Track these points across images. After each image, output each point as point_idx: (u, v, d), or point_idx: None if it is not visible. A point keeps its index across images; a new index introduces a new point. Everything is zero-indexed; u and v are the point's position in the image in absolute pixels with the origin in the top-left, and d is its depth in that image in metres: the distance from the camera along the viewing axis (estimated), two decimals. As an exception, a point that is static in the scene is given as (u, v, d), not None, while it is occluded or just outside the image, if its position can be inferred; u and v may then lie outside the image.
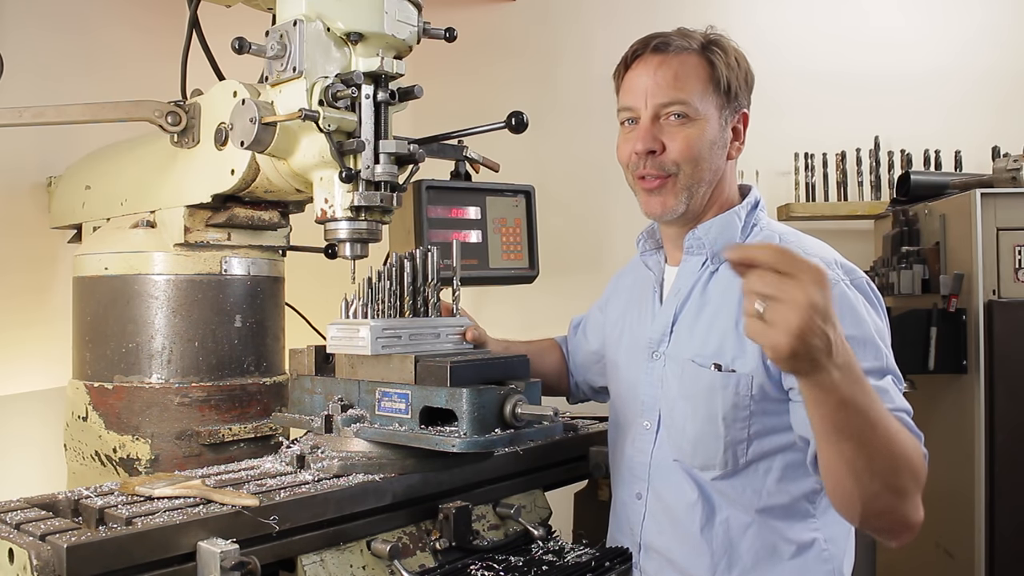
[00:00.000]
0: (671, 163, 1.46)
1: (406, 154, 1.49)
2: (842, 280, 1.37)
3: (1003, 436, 2.54)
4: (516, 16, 3.38)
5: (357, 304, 1.46)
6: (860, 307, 1.35)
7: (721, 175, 1.51)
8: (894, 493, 1.17)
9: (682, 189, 1.47)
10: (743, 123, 1.53)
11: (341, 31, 1.45)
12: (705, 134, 1.45)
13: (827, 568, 1.42)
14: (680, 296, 1.52)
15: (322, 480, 1.34)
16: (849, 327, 1.32)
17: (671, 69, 1.45)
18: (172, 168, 1.71)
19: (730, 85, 1.47)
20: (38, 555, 0.99)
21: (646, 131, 1.46)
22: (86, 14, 2.40)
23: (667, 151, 1.45)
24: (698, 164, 1.46)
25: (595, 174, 3.11)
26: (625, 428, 1.58)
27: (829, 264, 1.39)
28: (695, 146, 1.45)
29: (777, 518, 1.40)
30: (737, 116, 1.51)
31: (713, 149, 1.47)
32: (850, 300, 1.35)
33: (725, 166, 1.51)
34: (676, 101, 1.44)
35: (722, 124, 1.48)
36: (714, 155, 1.48)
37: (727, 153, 1.51)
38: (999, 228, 2.61)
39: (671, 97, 1.45)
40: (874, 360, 1.32)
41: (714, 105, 1.47)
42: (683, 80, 1.45)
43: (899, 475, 1.16)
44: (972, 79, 3.37)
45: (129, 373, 1.68)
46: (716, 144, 1.47)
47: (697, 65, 1.46)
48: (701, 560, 1.42)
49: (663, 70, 1.46)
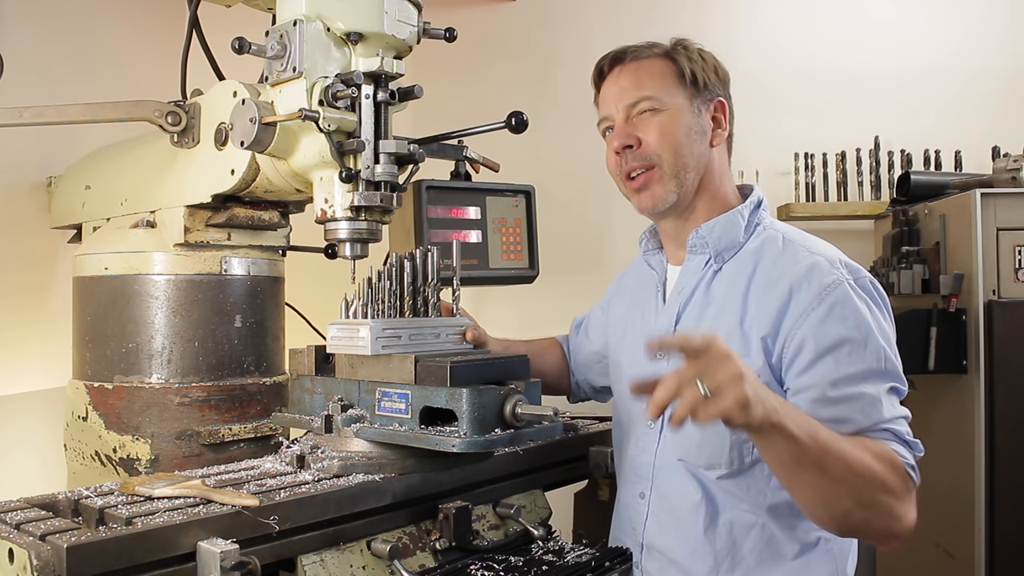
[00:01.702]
0: (651, 153, 1.49)
1: (406, 154, 1.49)
2: (846, 280, 1.37)
3: (1003, 436, 2.54)
4: (516, 16, 3.38)
5: (357, 304, 1.46)
6: (863, 308, 1.35)
7: (707, 163, 1.52)
8: (866, 508, 1.24)
9: (669, 178, 1.49)
10: (723, 111, 1.54)
11: (341, 31, 1.45)
12: (678, 121, 1.49)
13: (830, 568, 1.42)
14: (683, 295, 1.52)
15: (322, 480, 1.34)
16: (850, 329, 1.33)
17: (633, 73, 1.53)
18: (172, 168, 1.71)
19: (696, 76, 1.51)
20: (38, 555, 0.99)
21: (620, 129, 1.52)
22: (86, 14, 2.40)
23: (644, 143, 1.49)
24: (677, 150, 1.49)
25: (595, 174, 3.07)
26: (629, 428, 1.58)
27: (833, 263, 1.40)
28: (669, 132, 1.49)
29: (781, 517, 1.40)
30: (712, 104, 1.53)
31: (690, 135, 1.50)
32: (853, 301, 1.35)
33: (710, 154, 1.53)
34: (642, 98, 1.50)
35: (695, 112, 1.51)
36: (692, 141, 1.50)
37: (709, 140, 1.52)
38: (999, 228, 2.61)
39: (637, 95, 1.50)
40: (874, 362, 1.33)
41: (683, 96, 1.51)
42: (646, 79, 1.51)
43: (867, 492, 1.24)
44: (972, 79, 3.36)
45: (129, 373, 1.68)
46: (692, 130, 1.50)
47: (660, 64, 1.53)
48: (704, 560, 1.42)
49: (625, 75, 1.53)
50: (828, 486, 1.23)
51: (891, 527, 1.27)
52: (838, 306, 1.35)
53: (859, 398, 1.31)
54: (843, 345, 1.33)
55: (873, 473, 1.24)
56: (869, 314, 1.35)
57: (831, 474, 1.22)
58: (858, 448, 1.25)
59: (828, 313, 1.35)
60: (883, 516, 1.25)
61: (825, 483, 1.22)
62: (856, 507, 1.24)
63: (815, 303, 1.35)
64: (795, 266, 1.40)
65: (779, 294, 1.39)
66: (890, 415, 1.32)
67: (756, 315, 1.40)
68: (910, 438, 1.32)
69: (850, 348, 1.33)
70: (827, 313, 1.35)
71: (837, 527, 1.30)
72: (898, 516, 1.26)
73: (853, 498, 1.23)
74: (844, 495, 1.23)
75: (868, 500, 1.24)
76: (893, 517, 1.26)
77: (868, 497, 1.24)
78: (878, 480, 1.24)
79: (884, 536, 1.30)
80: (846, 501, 1.23)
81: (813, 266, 1.39)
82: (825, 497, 1.24)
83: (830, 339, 1.33)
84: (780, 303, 1.38)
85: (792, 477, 1.26)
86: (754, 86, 1.62)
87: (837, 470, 1.22)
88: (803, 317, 1.36)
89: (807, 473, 1.22)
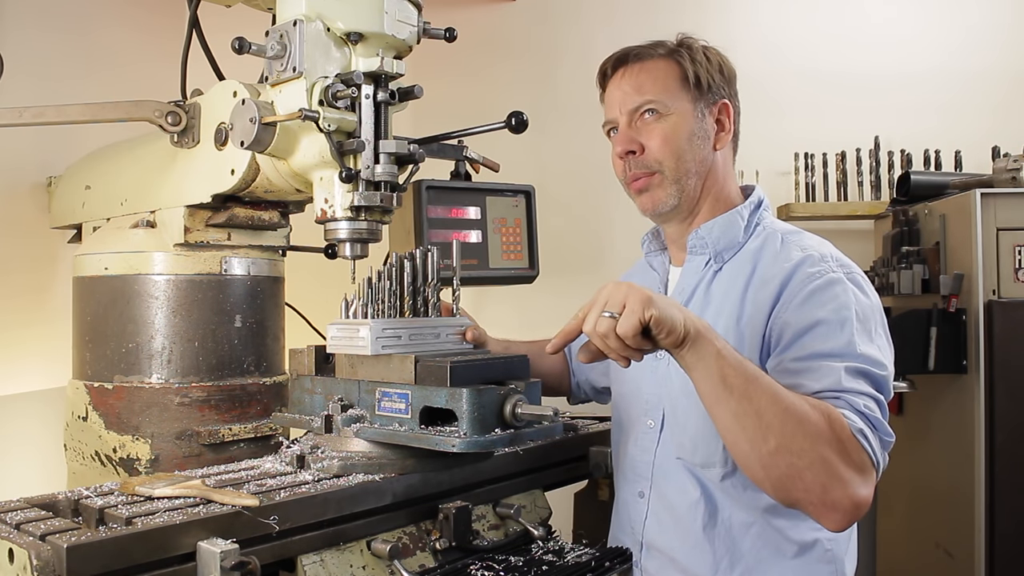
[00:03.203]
0: (653, 160, 1.49)
1: (406, 154, 1.49)
2: (834, 271, 1.38)
3: (1003, 436, 2.54)
4: (516, 16, 3.39)
5: (357, 304, 1.46)
6: (844, 296, 1.34)
7: (710, 166, 1.52)
8: (795, 454, 1.19)
9: (671, 183, 1.50)
10: (727, 114, 1.54)
11: (341, 31, 1.45)
12: (681, 127, 1.49)
13: (830, 568, 1.42)
14: (684, 295, 1.52)
15: (322, 480, 1.34)
16: (828, 312, 1.33)
17: (636, 76, 1.52)
18: (172, 168, 1.71)
19: (699, 78, 1.50)
20: (38, 555, 0.99)
21: (623, 134, 1.52)
22: (86, 14, 2.40)
23: (647, 149, 1.49)
24: (680, 157, 1.49)
25: (595, 174, 3.10)
26: (628, 427, 1.58)
27: (824, 257, 1.40)
28: (672, 140, 1.48)
29: (779, 517, 1.40)
30: (717, 107, 1.53)
31: (692, 141, 1.49)
32: (834, 289, 1.35)
33: (713, 157, 1.53)
34: (645, 102, 1.50)
35: (699, 116, 1.51)
36: (695, 146, 1.50)
37: (712, 144, 1.52)
38: (999, 228, 2.61)
39: (639, 100, 1.50)
40: (845, 345, 1.30)
41: (686, 99, 1.50)
42: (649, 82, 1.50)
43: (796, 436, 1.19)
44: (972, 79, 3.37)
45: (129, 373, 1.68)
46: (695, 135, 1.50)
47: (664, 67, 1.51)
48: (703, 559, 1.42)
49: (628, 78, 1.53)
50: (754, 419, 1.19)
51: (829, 489, 1.19)
52: (818, 292, 1.35)
53: (817, 369, 1.29)
54: (817, 326, 1.32)
55: (805, 416, 1.19)
56: (855, 302, 1.34)
57: (757, 404, 1.19)
58: (793, 394, 1.22)
59: (808, 298, 1.35)
60: (817, 470, 1.18)
61: (751, 414, 1.19)
62: (783, 450, 1.18)
63: (798, 291, 1.36)
64: (787, 263, 1.41)
65: (771, 291, 1.40)
66: (849, 387, 1.26)
67: (752, 314, 1.41)
68: (873, 415, 1.25)
69: (824, 329, 1.32)
70: (807, 298, 1.35)
71: (767, 475, 1.22)
72: (839, 479, 1.19)
73: (778, 438, 1.18)
74: (770, 432, 1.18)
75: (797, 446, 1.18)
76: (832, 477, 1.19)
77: (797, 442, 1.18)
78: (810, 425, 1.19)
79: (824, 503, 1.20)
80: (772, 439, 1.18)
81: (802, 260, 1.40)
82: (748, 429, 1.20)
83: (806, 321, 1.33)
84: (772, 300, 1.39)
85: (718, 403, 1.22)
86: (754, 86, 1.61)
87: (764, 403, 1.19)
88: (786, 305, 1.37)
89: (732, 399, 1.20)
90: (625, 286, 1.19)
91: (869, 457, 1.22)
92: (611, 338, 1.18)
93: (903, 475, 3.06)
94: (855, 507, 1.21)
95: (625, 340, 1.17)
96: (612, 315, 1.17)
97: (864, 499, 1.21)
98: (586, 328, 1.21)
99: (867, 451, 1.22)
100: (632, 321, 1.16)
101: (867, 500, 1.22)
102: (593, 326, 1.19)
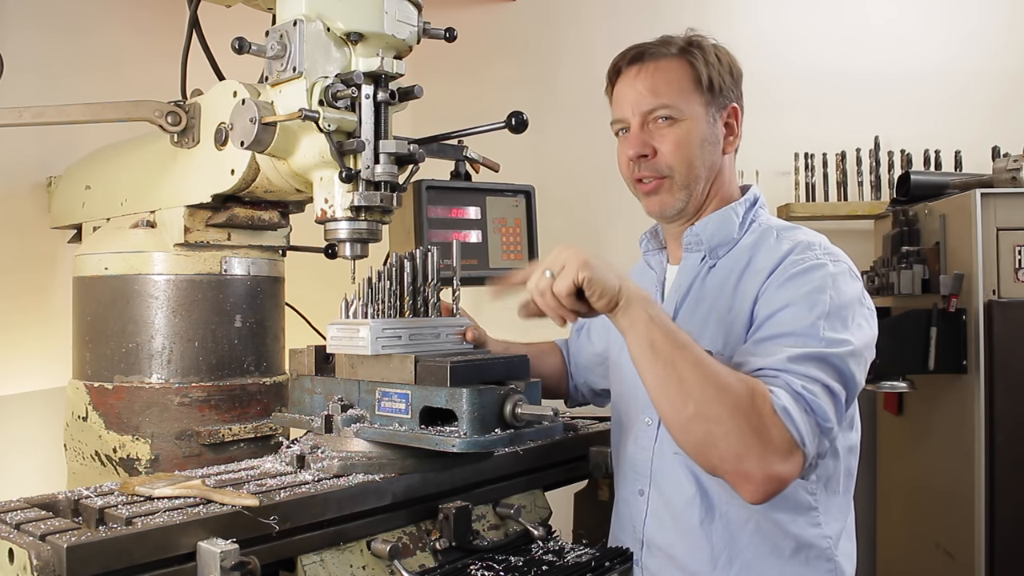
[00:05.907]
0: (664, 166, 1.49)
1: (406, 154, 1.49)
2: (819, 258, 1.38)
3: (1003, 436, 2.54)
4: (516, 16, 3.39)
5: (357, 304, 1.46)
6: (826, 281, 1.34)
7: (718, 170, 1.53)
8: (711, 421, 1.22)
9: (680, 188, 1.50)
10: (734, 117, 1.54)
11: (341, 31, 1.45)
12: (693, 133, 1.48)
13: (829, 565, 1.42)
14: (680, 292, 1.53)
15: (322, 480, 1.34)
16: (800, 296, 1.33)
17: (651, 77, 1.50)
18: (172, 168, 1.71)
19: (712, 82, 1.49)
20: (38, 555, 0.99)
21: (636, 137, 1.50)
22: (86, 14, 2.40)
23: (659, 154, 1.49)
24: (691, 163, 1.49)
25: (595, 174, 3.11)
26: (627, 426, 1.59)
27: (812, 246, 1.41)
28: (684, 146, 1.48)
29: (777, 512, 1.39)
30: (727, 111, 1.53)
31: (704, 146, 1.49)
32: (813, 273, 1.35)
33: (721, 160, 1.53)
34: (660, 106, 1.48)
35: (710, 121, 1.50)
36: (706, 152, 1.50)
37: (721, 148, 1.53)
38: (999, 228, 2.61)
39: (654, 103, 1.49)
40: (807, 328, 1.29)
41: (699, 104, 1.49)
42: (664, 85, 1.49)
43: (712, 404, 1.21)
44: (972, 79, 3.37)
45: (129, 373, 1.68)
46: (707, 141, 1.50)
47: (677, 68, 1.50)
48: (702, 555, 1.42)
49: (643, 78, 1.51)
50: (676, 384, 1.23)
51: (743, 459, 1.21)
52: (798, 276, 1.36)
53: (766, 348, 1.30)
54: (787, 308, 1.33)
55: (726, 386, 1.22)
56: (831, 288, 1.33)
57: (680, 371, 1.23)
58: (721, 366, 1.25)
59: (786, 281, 1.36)
60: (732, 440, 1.20)
61: (673, 379, 1.23)
62: (700, 416, 1.22)
63: (781, 275, 1.38)
64: (777, 253, 1.42)
65: (759, 279, 1.41)
66: (793, 368, 1.26)
67: (740, 302, 1.42)
68: (811, 398, 1.24)
69: (792, 311, 1.32)
70: (785, 281, 1.36)
71: (686, 439, 1.26)
72: (754, 451, 1.20)
73: (697, 404, 1.22)
74: (689, 398, 1.22)
75: (714, 413, 1.21)
76: (747, 448, 1.20)
77: (714, 410, 1.21)
78: (729, 395, 1.21)
79: (738, 472, 1.22)
80: (691, 405, 1.22)
81: (791, 249, 1.41)
82: (671, 394, 1.24)
83: (778, 303, 1.34)
84: (758, 287, 1.40)
85: (646, 366, 1.26)
86: (754, 86, 1.61)
87: (686, 369, 1.22)
88: (767, 289, 1.38)
89: (659, 364, 1.24)
90: (570, 249, 1.25)
91: (792, 436, 1.22)
92: (548, 296, 1.26)
93: (903, 475, 3.06)
94: (769, 481, 1.22)
95: (560, 299, 1.25)
96: (551, 274, 1.25)
97: (781, 475, 1.22)
98: (529, 285, 1.28)
99: (789, 430, 1.22)
100: (566, 281, 1.23)
101: (786, 477, 1.23)
102: (536, 283, 1.27)
